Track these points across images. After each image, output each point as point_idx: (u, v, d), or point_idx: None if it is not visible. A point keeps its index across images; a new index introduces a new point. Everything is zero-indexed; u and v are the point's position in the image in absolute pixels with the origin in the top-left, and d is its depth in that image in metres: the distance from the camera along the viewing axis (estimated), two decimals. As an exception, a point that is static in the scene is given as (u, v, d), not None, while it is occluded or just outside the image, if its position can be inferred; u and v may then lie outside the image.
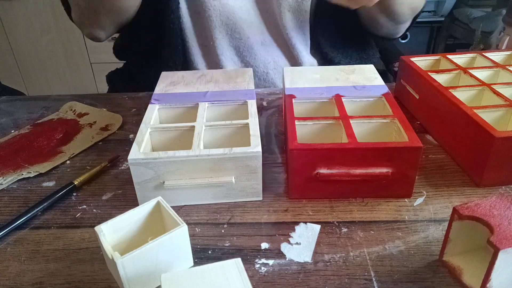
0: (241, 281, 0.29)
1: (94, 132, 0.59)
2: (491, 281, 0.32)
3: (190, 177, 0.43)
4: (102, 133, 0.59)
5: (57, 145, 0.56)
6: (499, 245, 0.30)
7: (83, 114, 0.64)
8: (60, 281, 0.36)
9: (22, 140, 0.57)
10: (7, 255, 0.39)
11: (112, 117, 0.63)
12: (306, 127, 0.48)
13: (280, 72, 0.77)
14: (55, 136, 0.58)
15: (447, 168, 0.49)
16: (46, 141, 0.57)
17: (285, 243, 0.39)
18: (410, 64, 0.60)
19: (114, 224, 0.36)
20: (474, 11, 1.90)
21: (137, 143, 0.44)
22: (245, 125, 0.47)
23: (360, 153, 0.42)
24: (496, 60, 0.60)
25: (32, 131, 0.60)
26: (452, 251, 0.36)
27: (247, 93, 0.53)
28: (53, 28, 2.04)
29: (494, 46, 1.50)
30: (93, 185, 0.49)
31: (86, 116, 0.64)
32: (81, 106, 0.66)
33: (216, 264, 0.30)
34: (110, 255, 0.32)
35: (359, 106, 0.52)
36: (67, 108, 0.66)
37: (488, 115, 0.47)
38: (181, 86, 0.56)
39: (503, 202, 0.34)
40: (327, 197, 0.45)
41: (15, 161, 0.52)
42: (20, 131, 0.60)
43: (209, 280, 0.29)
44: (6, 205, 0.46)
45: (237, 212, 0.44)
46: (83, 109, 0.65)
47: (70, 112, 0.65)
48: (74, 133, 0.59)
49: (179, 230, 0.34)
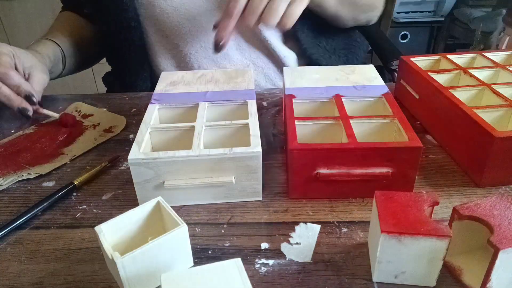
0: (240, 281, 0.29)
1: (97, 133, 0.59)
2: (491, 281, 0.32)
3: (190, 177, 0.43)
4: (105, 135, 0.59)
5: (59, 147, 0.56)
6: (499, 245, 0.30)
7: (88, 115, 0.64)
8: (60, 281, 0.36)
9: (25, 141, 0.57)
10: (7, 255, 0.39)
11: (116, 119, 0.62)
12: (306, 127, 0.48)
13: (262, 73, 0.77)
14: (58, 137, 0.58)
15: (447, 168, 0.49)
16: (49, 142, 0.57)
17: (285, 243, 0.39)
18: (410, 64, 0.60)
19: (114, 224, 0.36)
20: (474, 11, 1.90)
21: (137, 143, 0.44)
22: (245, 125, 0.47)
23: (360, 153, 0.42)
24: (496, 60, 0.60)
25: (36, 131, 0.60)
26: (452, 251, 0.36)
27: (247, 93, 0.53)
28: (53, 28, 2.04)
29: (494, 46, 1.50)
30: (93, 185, 0.49)
31: (91, 117, 0.63)
32: (87, 107, 0.66)
33: (216, 264, 0.30)
34: (110, 255, 0.32)
35: (359, 106, 0.52)
36: (73, 108, 0.66)
37: (488, 115, 0.47)
38: (181, 86, 0.56)
39: (503, 202, 0.34)
40: (327, 197, 0.45)
41: (16, 162, 0.52)
42: (24, 131, 0.60)
43: (209, 280, 0.29)
44: (6, 205, 0.46)
45: (237, 212, 0.44)
46: (88, 110, 0.65)
47: (75, 113, 0.65)
48: (77, 135, 0.59)
49: (179, 230, 0.34)
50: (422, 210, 0.34)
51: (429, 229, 0.32)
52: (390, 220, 0.33)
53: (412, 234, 0.32)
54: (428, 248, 0.32)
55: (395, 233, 0.32)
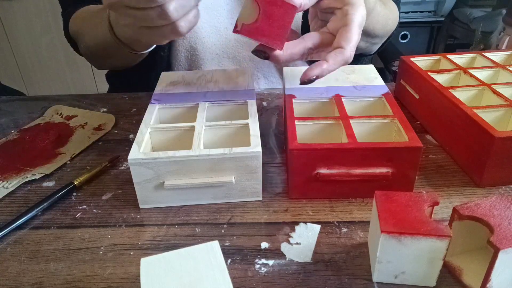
0: (216, 264, 0.29)
1: (89, 132, 0.59)
2: (491, 281, 0.32)
3: (190, 177, 0.43)
4: (97, 132, 0.58)
5: (53, 147, 0.56)
6: (499, 245, 0.30)
7: (72, 116, 0.63)
8: (60, 281, 0.36)
9: (14, 145, 0.56)
10: (7, 255, 0.39)
11: (103, 117, 0.62)
12: (306, 127, 0.48)
13: (271, 85, 0.77)
14: (50, 139, 0.57)
15: (447, 168, 0.49)
16: (41, 144, 0.56)
17: (285, 243, 0.39)
18: (410, 64, 0.60)
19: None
20: (474, 11, 1.90)
21: (137, 143, 0.44)
22: (245, 125, 0.47)
23: (360, 153, 0.42)
24: (496, 60, 0.60)
25: (20, 136, 0.58)
26: (452, 251, 0.36)
27: (247, 93, 0.53)
28: (53, 28, 2.04)
29: (494, 46, 1.49)
30: (93, 185, 0.49)
31: (75, 118, 0.63)
32: (68, 109, 0.65)
33: (193, 247, 0.31)
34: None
35: (359, 106, 0.52)
36: (53, 112, 0.65)
37: (488, 115, 0.47)
38: (181, 86, 0.56)
39: (503, 202, 0.34)
40: (327, 197, 0.45)
41: (14, 166, 0.52)
42: (7, 137, 0.58)
43: (186, 263, 0.29)
44: (6, 205, 0.46)
45: (237, 212, 0.44)
46: (70, 111, 0.64)
47: (57, 116, 0.63)
48: (68, 135, 0.58)
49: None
50: (422, 210, 0.34)
51: (429, 229, 0.32)
52: (390, 220, 0.33)
53: (412, 234, 0.32)
54: (428, 248, 0.32)
55: (395, 233, 0.32)
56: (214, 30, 0.71)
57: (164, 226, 0.42)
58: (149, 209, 0.44)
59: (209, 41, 0.72)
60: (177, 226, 0.42)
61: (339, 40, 0.44)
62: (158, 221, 0.43)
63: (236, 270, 0.37)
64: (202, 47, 0.72)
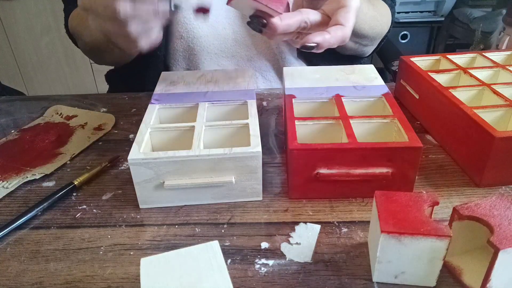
0: (216, 263, 0.29)
1: (89, 132, 0.59)
2: (491, 281, 0.32)
3: (190, 177, 0.43)
4: (97, 133, 0.58)
5: (54, 147, 0.56)
6: (499, 245, 0.30)
7: (71, 116, 0.63)
8: (60, 281, 0.36)
9: (14, 145, 0.56)
10: (7, 255, 0.39)
11: (103, 117, 0.62)
12: (306, 127, 0.48)
13: (269, 84, 0.77)
14: (50, 139, 0.57)
15: (447, 168, 0.49)
16: (41, 144, 0.56)
17: (285, 243, 0.39)
18: (410, 64, 0.60)
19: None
20: (474, 11, 1.90)
21: (137, 143, 0.44)
22: (245, 125, 0.47)
23: (360, 153, 0.42)
24: (496, 60, 0.60)
25: (20, 136, 0.58)
26: (452, 251, 0.36)
27: (247, 93, 0.53)
28: (53, 28, 2.04)
29: (494, 46, 1.49)
30: (93, 185, 0.49)
31: (75, 118, 0.63)
32: (68, 109, 0.65)
33: (193, 247, 0.31)
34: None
35: (359, 106, 0.52)
36: (53, 112, 0.65)
37: (488, 115, 0.47)
38: (181, 86, 0.56)
39: (503, 202, 0.34)
40: (327, 197, 0.45)
41: (14, 166, 0.52)
42: (8, 137, 0.58)
43: (186, 263, 0.29)
44: (6, 205, 0.46)
45: (237, 212, 0.44)
46: (70, 111, 0.64)
47: (57, 116, 0.63)
48: (68, 135, 0.58)
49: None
50: (422, 210, 0.34)
51: (429, 229, 0.32)
52: (390, 220, 0.33)
53: (412, 234, 0.32)
54: (428, 248, 0.32)
55: (395, 233, 0.32)
56: (212, 29, 0.71)
57: (164, 226, 0.42)
58: (149, 209, 0.44)
59: (206, 40, 0.72)
60: (177, 226, 0.42)
61: (338, 18, 0.44)
62: (158, 221, 0.43)
63: (236, 270, 0.37)
64: (199, 47, 0.72)
